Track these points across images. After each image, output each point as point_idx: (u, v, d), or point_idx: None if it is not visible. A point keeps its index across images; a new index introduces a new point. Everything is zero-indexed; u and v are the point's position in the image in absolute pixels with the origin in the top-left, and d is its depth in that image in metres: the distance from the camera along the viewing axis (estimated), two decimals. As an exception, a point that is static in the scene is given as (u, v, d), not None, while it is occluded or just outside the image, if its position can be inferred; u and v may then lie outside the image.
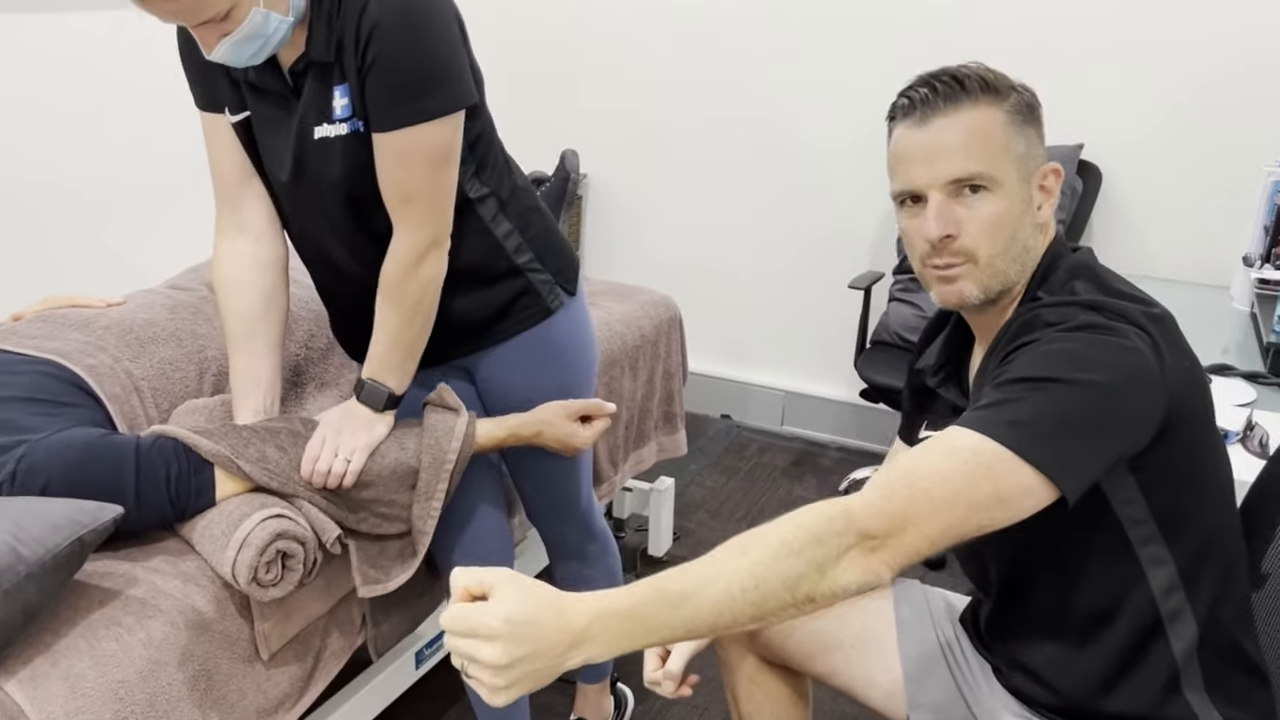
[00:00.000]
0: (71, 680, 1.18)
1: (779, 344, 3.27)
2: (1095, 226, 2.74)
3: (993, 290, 1.11)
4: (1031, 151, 1.11)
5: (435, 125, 1.33)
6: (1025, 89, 1.14)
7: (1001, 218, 1.08)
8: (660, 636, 0.89)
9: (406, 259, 1.39)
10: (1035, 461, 0.94)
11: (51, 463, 1.28)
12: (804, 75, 2.99)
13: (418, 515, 1.48)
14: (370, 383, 1.45)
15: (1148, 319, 1.02)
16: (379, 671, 1.73)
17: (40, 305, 1.66)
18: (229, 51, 1.28)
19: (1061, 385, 0.96)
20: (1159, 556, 1.07)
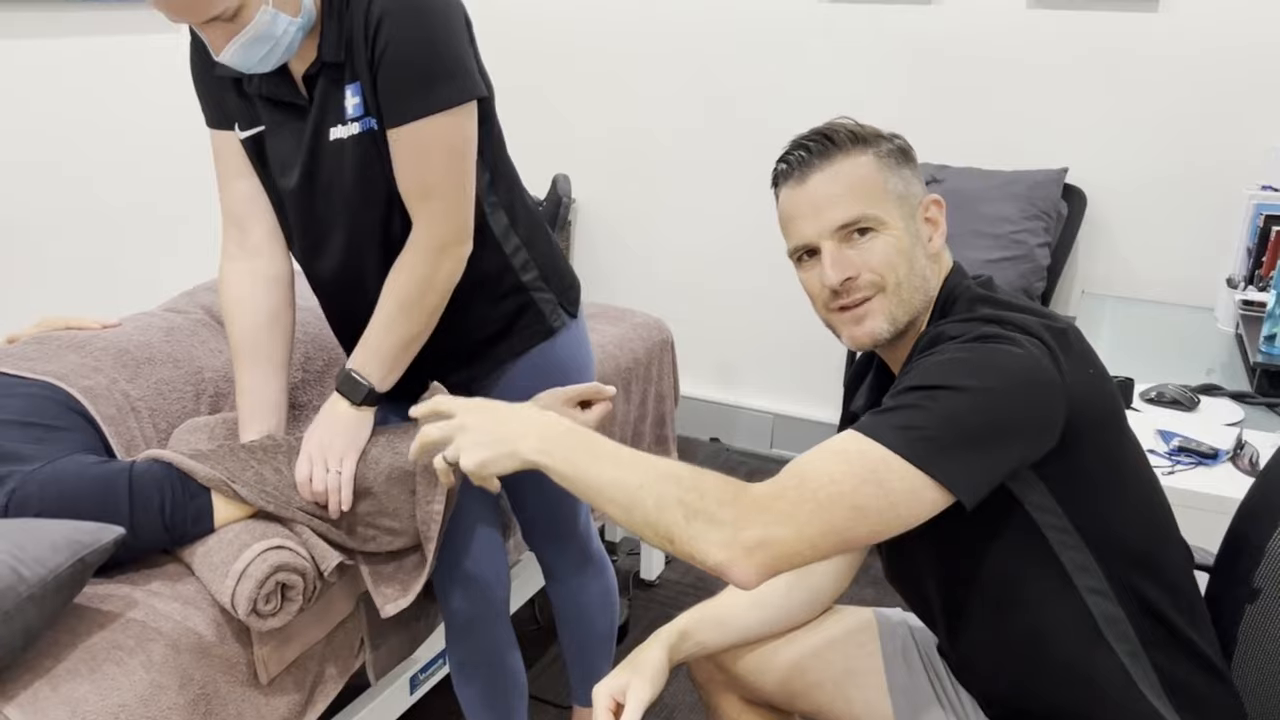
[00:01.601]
0: (72, 704, 1.17)
1: (768, 367, 3.29)
2: (1080, 249, 2.78)
3: (900, 321, 1.13)
4: (910, 189, 1.15)
5: (450, 116, 1.32)
6: (894, 136, 1.18)
7: (895, 250, 1.12)
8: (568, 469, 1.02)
9: (422, 254, 1.37)
10: (922, 465, 0.95)
11: (44, 495, 1.27)
12: (795, 100, 3.02)
13: (420, 520, 1.46)
14: (352, 373, 1.41)
15: (1048, 330, 1.05)
16: (375, 696, 1.72)
17: (36, 327, 1.66)
18: (238, 53, 1.28)
19: (952, 391, 0.98)
20: (1084, 564, 1.08)
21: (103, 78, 2.27)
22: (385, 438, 1.46)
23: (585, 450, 1.03)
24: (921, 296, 1.14)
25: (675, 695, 2.17)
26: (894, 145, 1.16)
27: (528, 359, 1.53)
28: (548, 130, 3.37)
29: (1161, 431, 1.77)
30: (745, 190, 3.16)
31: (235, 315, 1.49)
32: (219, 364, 1.63)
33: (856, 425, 1.00)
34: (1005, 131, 2.79)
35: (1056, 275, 2.68)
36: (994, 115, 2.80)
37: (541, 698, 2.11)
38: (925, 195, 1.17)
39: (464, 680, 1.66)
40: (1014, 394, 0.99)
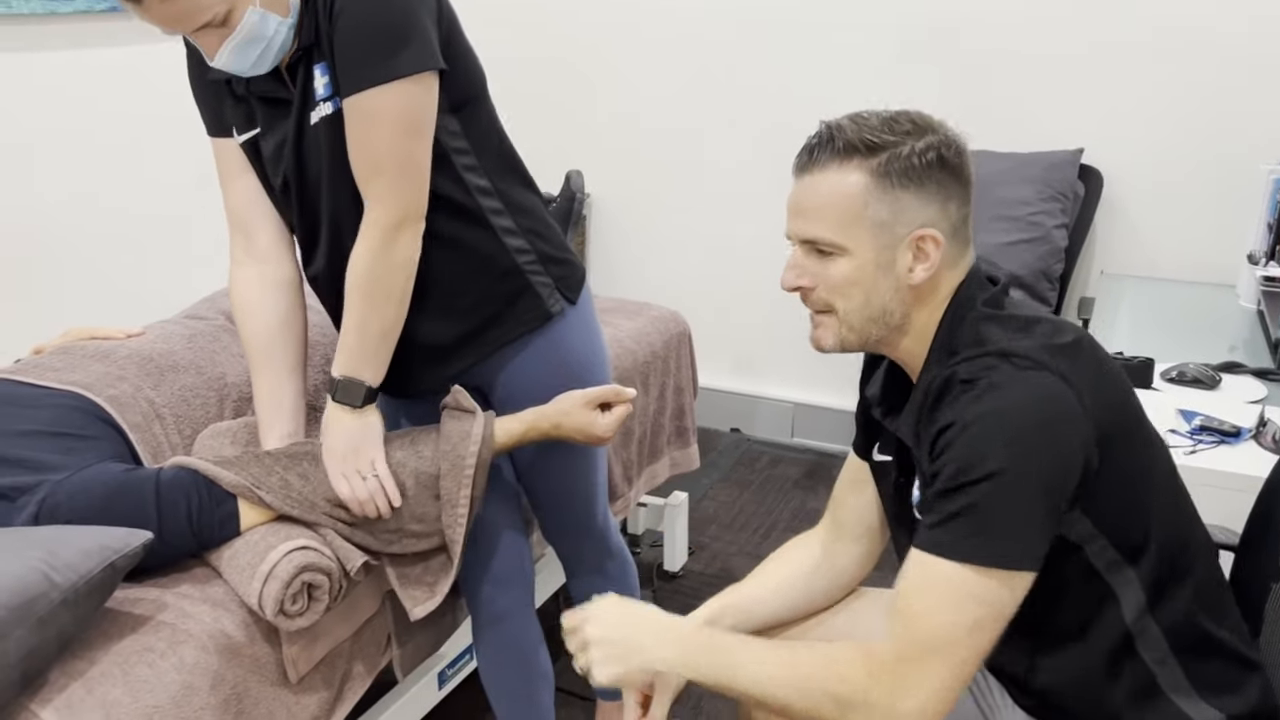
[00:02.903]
0: (106, 707, 1.19)
1: (787, 356, 3.28)
2: (1098, 229, 2.76)
3: (851, 345, 1.15)
4: (900, 216, 1.09)
5: (401, 86, 1.29)
6: (928, 149, 1.09)
7: (849, 280, 1.11)
8: (711, 681, 1.10)
9: (376, 238, 1.34)
10: (1004, 565, 1.01)
11: (73, 504, 1.29)
12: (808, 87, 3.02)
13: (446, 523, 1.47)
14: (344, 379, 1.40)
15: (1060, 354, 1.04)
16: (403, 693, 1.74)
17: (61, 338, 1.68)
18: (232, 56, 1.29)
19: (994, 480, 1.00)
20: (1127, 579, 1.09)
21: (118, 88, 2.29)
22: (408, 441, 1.47)
23: (723, 658, 1.09)
24: (879, 327, 1.13)
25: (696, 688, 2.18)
26: (910, 160, 1.09)
27: (528, 346, 1.52)
28: (560, 127, 3.37)
29: (1183, 411, 1.76)
30: (760, 180, 3.16)
31: (246, 321, 1.50)
32: (241, 369, 1.64)
33: (926, 543, 1.03)
34: (1020, 113, 2.77)
35: (1075, 256, 2.66)
36: (1008, 97, 2.78)
37: (568, 690, 2.12)
38: (921, 227, 1.09)
39: (491, 675, 1.67)
40: (1047, 452, 1.01)
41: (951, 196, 1.11)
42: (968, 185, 1.13)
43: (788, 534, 2.79)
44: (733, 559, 2.66)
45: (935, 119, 1.14)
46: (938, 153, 1.10)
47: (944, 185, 1.10)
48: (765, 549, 2.71)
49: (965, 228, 1.14)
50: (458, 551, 1.49)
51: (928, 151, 1.09)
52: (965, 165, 1.12)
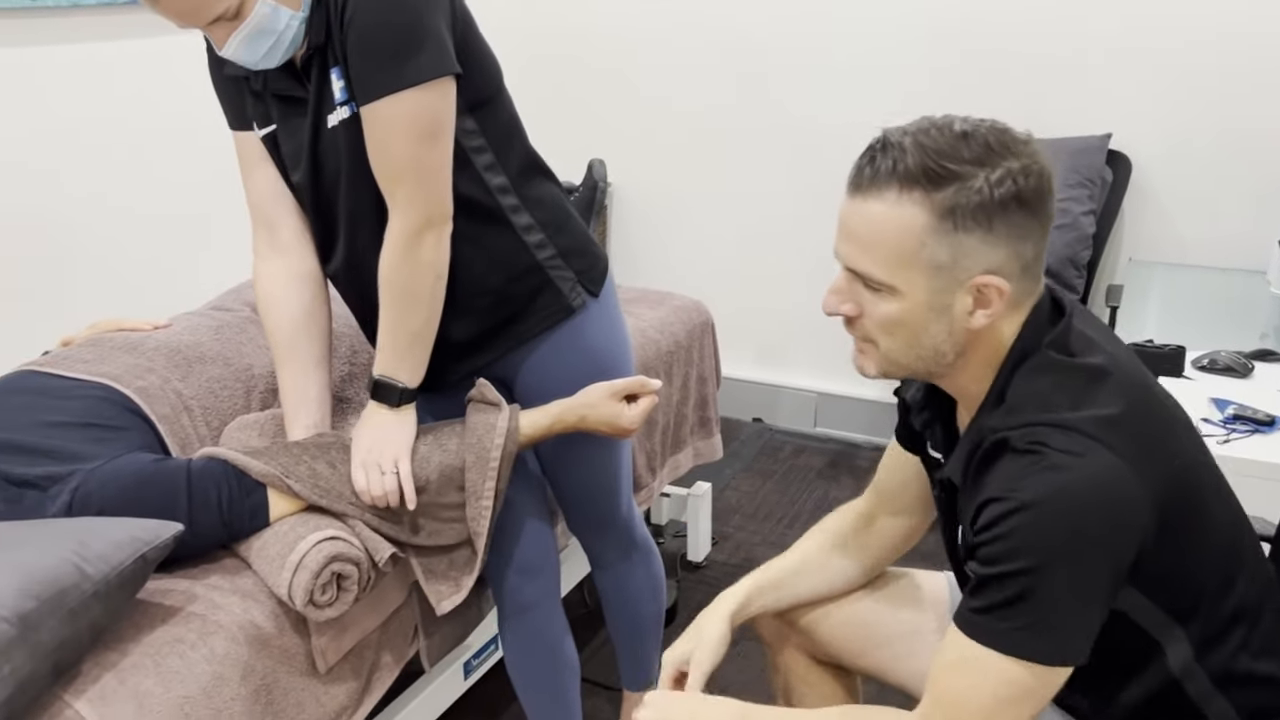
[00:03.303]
0: (139, 698, 1.20)
1: (810, 345, 3.27)
2: (1126, 216, 2.73)
3: (894, 375, 1.09)
4: (961, 261, 0.98)
5: (417, 93, 1.29)
6: (1003, 180, 0.96)
7: (897, 321, 1.02)
8: None
9: (399, 242, 1.35)
10: (1048, 660, 0.98)
11: (105, 492, 1.30)
12: (831, 73, 3.00)
13: (471, 516, 1.48)
14: (382, 379, 1.42)
15: (1119, 426, 0.97)
16: (430, 682, 1.75)
17: (89, 330, 1.69)
18: (241, 47, 1.29)
19: (1054, 571, 0.95)
20: (1175, 636, 1.06)
21: (141, 80, 2.30)
22: (433, 436, 1.47)
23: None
24: (928, 365, 1.06)
25: (728, 674, 2.18)
26: (979, 197, 0.96)
27: (551, 339, 1.52)
28: (582, 116, 3.36)
29: (1215, 400, 1.74)
30: (782, 168, 3.14)
31: (270, 314, 1.51)
32: (268, 360, 1.65)
33: (970, 628, 1.00)
34: (1047, 99, 2.74)
35: (1102, 243, 2.63)
36: (1036, 82, 2.75)
37: (593, 680, 2.13)
38: (984, 273, 0.98)
39: (517, 664, 1.68)
40: (1106, 544, 0.96)
41: (1026, 236, 0.99)
42: (1047, 220, 1.00)
43: (811, 524, 2.76)
44: (756, 549, 2.65)
45: (1018, 136, 1.00)
46: (1013, 187, 0.96)
47: (1017, 226, 0.98)
48: (789, 539, 2.68)
49: (1037, 264, 1.02)
50: (482, 545, 1.49)
51: (1001, 185, 0.96)
52: (1045, 198, 0.99)
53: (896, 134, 1.00)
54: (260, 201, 1.50)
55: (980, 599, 0.99)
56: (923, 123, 1.01)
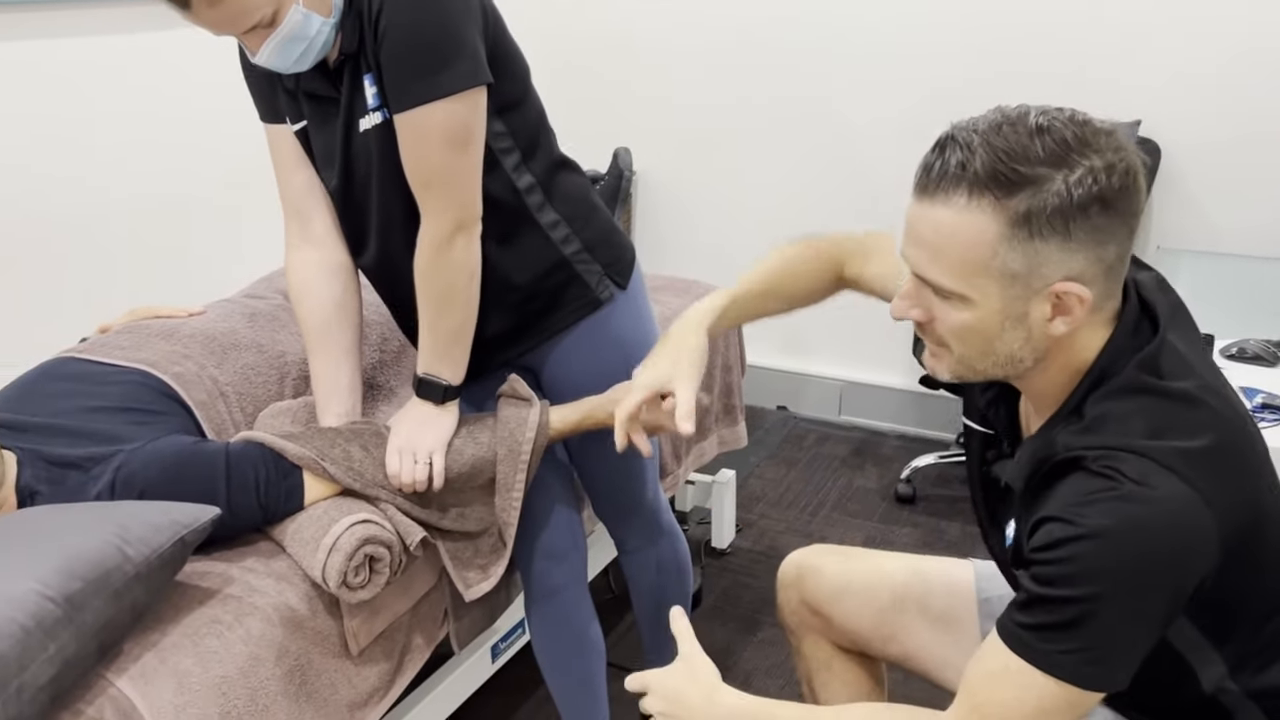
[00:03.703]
0: (179, 676, 1.23)
1: (835, 333, 3.27)
2: (1155, 203, 2.71)
3: (967, 379, 1.04)
4: (1038, 270, 0.92)
5: (450, 103, 1.31)
6: (1075, 183, 0.89)
7: (970, 330, 0.97)
8: None
9: (432, 246, 1.38)
10: (1104, 689, 0.96)
11: (147, 472, 1.33)
12: (856, 61, 2.99)
13: (500, 507, 1.51)
14: (426, 378, 1.46)
15: (1199, 461, 0.93)
16: (458, 665, 1.78)
17: (126, 316, 1.73)
18: (273, 54, 1.31)
19: (1114, 603, 0.92)
20: (1209, 658, 1.05)
21: (175, 71, 2.33)
22: (466, 429, 1.50)
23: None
24: (1002, 372, 1.01)
25: (751, 660, 2.20)
26: (1056, 202, 0.89)
27: (578, 331, 1.55)
28: (608, 104, 3.37)
29: (1244, 388, 1.74)
30: (808, 155, 3.13)
31: (303, 304, 1.53)
32: (301, 348, 1.67)
33: (1016, 643, 0.97)
34: (1075, 85, 2.72)
35: (1130, 231, 2.61)
36: (1063, 68, 2.73)
37: (619, 664, 2.15)
38: (1063, 280, 0.93)
39: (544, 648, 1.70)
40: (1171, 584, 0.93)
41: (1109, 239, 0.92)
42: (1133, 218, 0.93)
43: (835, 512, 2.81)
44: (780, 536, 2.66)
45: (1100, 128, 0.92)
46: (1095, 188, 0.89)
47: (1099, 229, 0.91)
48: (813, 527, 2.71)
49: (1121, 265, 0.96)
50: (511, 535, 1.52)
51: (1080, 187, 0.89)
52: (1131, 196, 0.92)
53: (965, 131, 0.93)
54: (293, 194, 1.52)
55: (1031, 616, 0.96)
56: (995, 116, 0.94)
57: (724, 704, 1.12)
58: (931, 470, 2.89)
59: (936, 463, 2.88)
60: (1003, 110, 0.94)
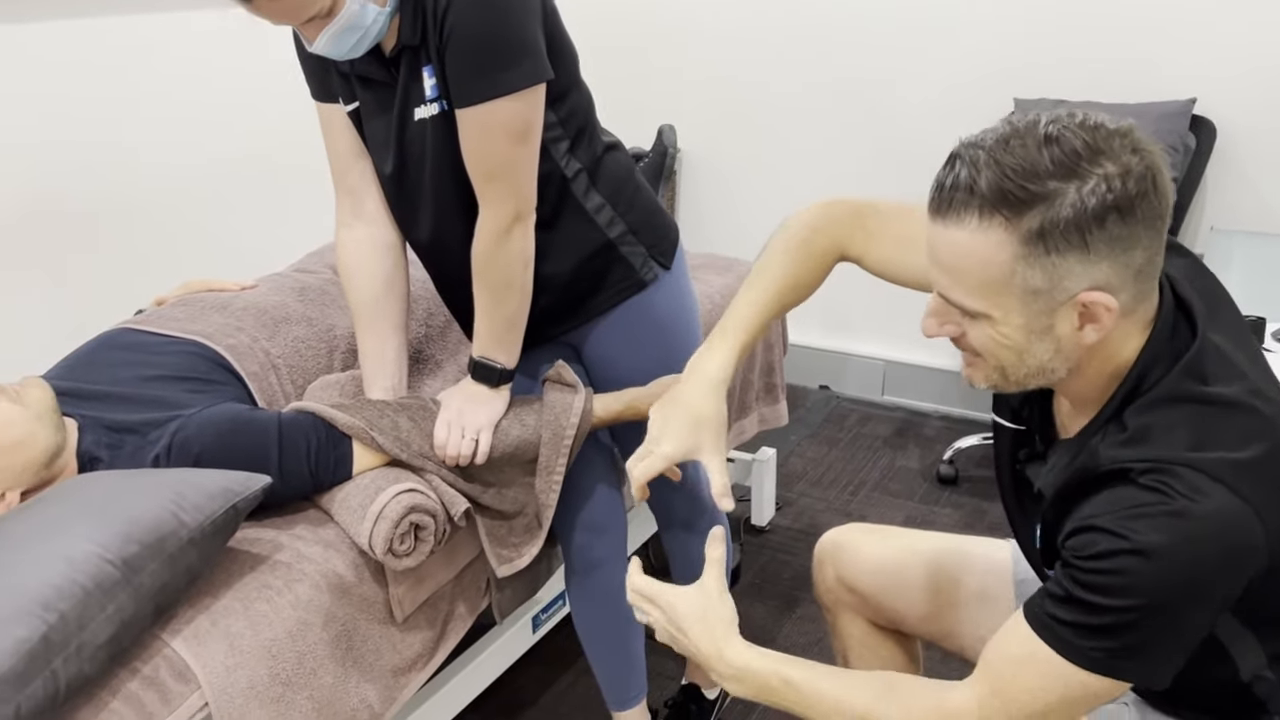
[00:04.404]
0: (230, 638, 1.27)
1: (879, 313, 3.25)
2: (1209, 183, 2.65)
3: (1003, 389, 1.03)
4: (1060, 284, 0.91)
5: (513, 100, 1.34)
6: (1088, 194, 0.87)
7: (999, 345, 0.97)
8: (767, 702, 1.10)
9: (491, 236, 1.42)
10: (1143, 683, 0.97)
11: (203, 436, 1.37)
12: (904, 39, 2.95)
13: (540, 489, 1.54)
14: (481, 361, 1.50)
15: (1249, 471, 0.91)
16: (500, 634, 1.81)
17: (180, 289, 1.77)
18: (329, 43, 1.33)
19: (1159, 614, 0.92)
20: (1248, 645, 1.04)
21: (223, 47, 2.37)
22: (513, 411, 1.53)
23: (783, 698, 1.09)
24: (1037, 381, 1.00)
25: (789, 637, 2.21)
26: (1069, 215, 0.87)
27: (621, 310, 1.57)
28: (653, 82, 3.37)
29: (1295, 373, 1.71)
30: (852, 133, 3.11)
31: (352, 281, 1.56)
32: (349, 322, 1.70)
33: (1047, 634, 0.96)
34: (1130, 62, 2.67)
35: (1183, 212, 2.57)
36: (1118, 45, 2.68)
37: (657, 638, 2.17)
38: (1088, 290, 0.91)
39: (583, 620, 1.73)
40: (1218, 597, 0.93)
41: (1133, 245, 0.90)
42: (1157, 220, 0.90)
43: (876, 492, 2.81)
44: (820, 515, 2.67)
45: (1114, 131, 0.89)
46: (1110, 198, 0.87)
47: (1119, 238, 0.89)
48: (854, 506, 2.72)
49: (1151, 266, 0.93)
50: (549, 517, 1.56)
51: (1093, 197, 0.87)
52: (1151, 198, 0.89)
53: (971, 148, 0.92)
54: (344, 171, 1.55)
55: (1068, 613, 0.95)
56: (1004, 129, 0.91)
57: (733, 661, 1.10)
58: (975, 451, 2.87)
59: (980, 444, 2.86)
60: (1012, 122, 0.92)
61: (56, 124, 2.06)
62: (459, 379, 1.70)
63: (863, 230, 1.26)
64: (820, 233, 1.27)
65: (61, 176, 2.08)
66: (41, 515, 1.24)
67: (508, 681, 1.94)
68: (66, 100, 2.07)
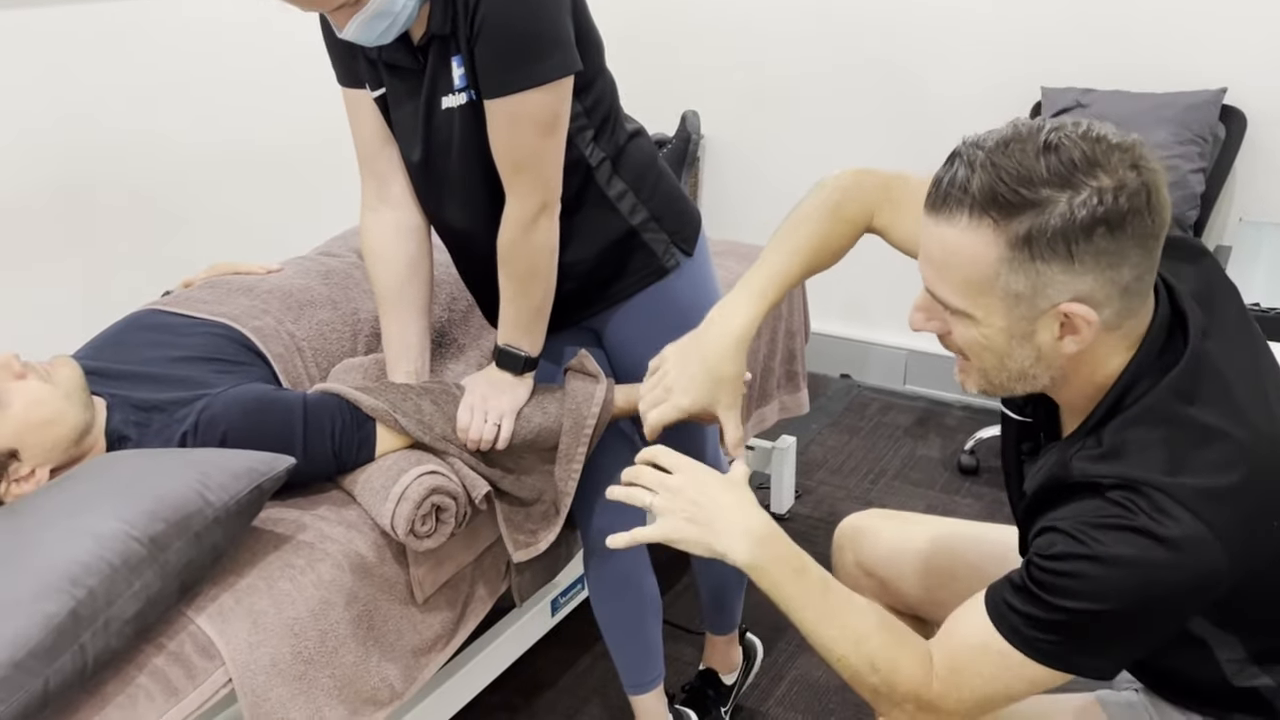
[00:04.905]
0: (254, 615, 1.29)
1: (901, 301, 3.23)
2: (1238, 174, 2.62)
3: (993, 393, 1.04)
4: (1042, 291, 0.91)
5: (542, 92, 1.35)
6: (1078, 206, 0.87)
7: (980, 346, 0.98)
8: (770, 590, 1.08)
9: (517, 226, 1.43)
10: (1093, 677, 0.98)
11: (230, 415, 1.39)
12: (929, 24, 2.93)
13: (559, 476, 1.56)
14: (506, 349, 1.51)
15: (1222, 501, 0.91)
16: (519, 617, 1.82)
17: (207, 272, 1.79)
18: (359, 29, 1.34)
19: (1113, 618, 0.93)
20: (1228, 642, 1.04)
21: (254, 32, 2.38)
22: (536, 398, 1.54)
23: (793, 586, 1.07)
24: (1020, 386, 1.01)
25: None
26: (1057, 226, 0.87)
27: (642, 297, 1.58)
28: (677, 67, 3.36)
29: (1322, 367, 1.69)
30: (875, 122, 3.09)
31: (377, 266, 1.58)
32: (374, 306, 1.72)
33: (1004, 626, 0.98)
34: (1159, 51, 2.64)
35: (1211, 203, 2.54)
36: (1145, 34, 2.65)
37: (675, 623, 2.18)
38: (1069, 301, 0.91)
39: (602, 603, 1.74)
40: (1167, 612, 0.94)
41: (1121, 261, 0.89)
42: (1148, 238, 0.90)
43: (896, 481, 2.80)
44: (839, 503, 2.67)
45: (1116, 144, 0.90)
46: (1100, 211, 0.87)
47: (1106, 252, 0.89)
48: (873, 495, 2.71)
49: (1141, 284, 0.93)
50: (566, 504, 1.57)
51: (1083, 209, 0.87)
52: (1143, 216, 0.89)
53: (972, 148, 0.92)
54: (370, 156, 1.55)
55: (1022, 603, 0.97)
56: (1007, 132, 0.92)
57: (759, 524, 1.07)
58: (996, 443, 2.85)
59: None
60: (1016, 125, 0.92)
61: (90, 108, 2.08)
62: (481, 363, 1.71)
63: (890, 203, 1.27)
64: (852, 198, 1.28)
65: (94, 159, 2.11)
66: (70, 492, 1.26)
67: (527, 663, 1.96)
68: (100, 84, 2.10)
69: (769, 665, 2.11)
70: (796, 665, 2.12)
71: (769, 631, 2.17)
